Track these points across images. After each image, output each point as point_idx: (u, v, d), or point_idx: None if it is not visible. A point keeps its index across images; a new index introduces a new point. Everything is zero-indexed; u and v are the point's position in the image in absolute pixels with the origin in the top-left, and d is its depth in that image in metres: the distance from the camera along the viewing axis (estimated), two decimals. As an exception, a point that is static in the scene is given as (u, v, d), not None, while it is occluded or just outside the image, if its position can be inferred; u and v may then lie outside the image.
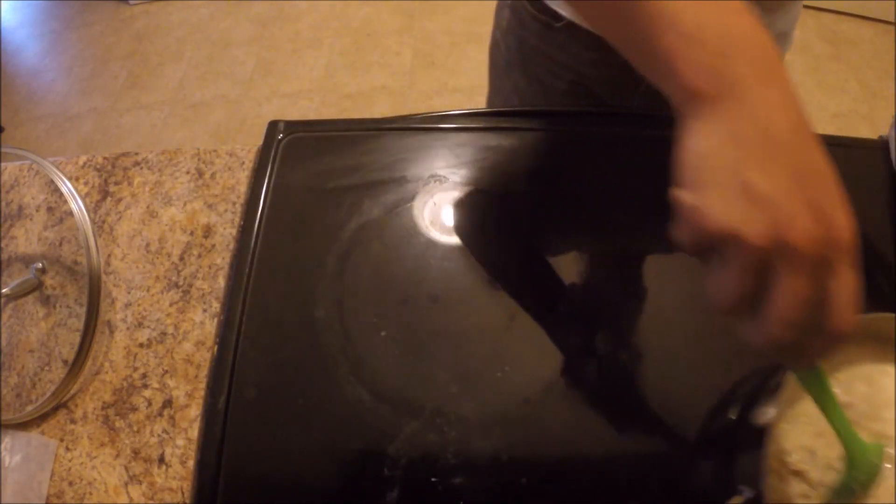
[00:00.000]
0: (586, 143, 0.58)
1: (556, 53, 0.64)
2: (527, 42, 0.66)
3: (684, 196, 0.27)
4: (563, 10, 0.60)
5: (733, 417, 0.40)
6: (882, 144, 0.59)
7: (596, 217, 0.53)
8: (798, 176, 0.26)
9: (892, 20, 1.96)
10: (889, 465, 0.36)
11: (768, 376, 0.39)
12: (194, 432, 0.45)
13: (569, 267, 0.50)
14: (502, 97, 0.75)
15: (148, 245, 0.54)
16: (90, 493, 0.44)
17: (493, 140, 0.58)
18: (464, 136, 0.58)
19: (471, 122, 0.59)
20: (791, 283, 0.25)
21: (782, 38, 0.63)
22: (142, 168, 0.59)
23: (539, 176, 0.55)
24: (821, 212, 0.25)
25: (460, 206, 0.54)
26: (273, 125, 0.59)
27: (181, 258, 0.53)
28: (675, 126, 0.29)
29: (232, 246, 0.53)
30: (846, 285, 0.26)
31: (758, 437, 0.34)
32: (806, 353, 0.29)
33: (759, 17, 0.30)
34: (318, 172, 0.56)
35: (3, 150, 0.56)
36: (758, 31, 0.28)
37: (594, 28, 0.36)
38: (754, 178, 0.25)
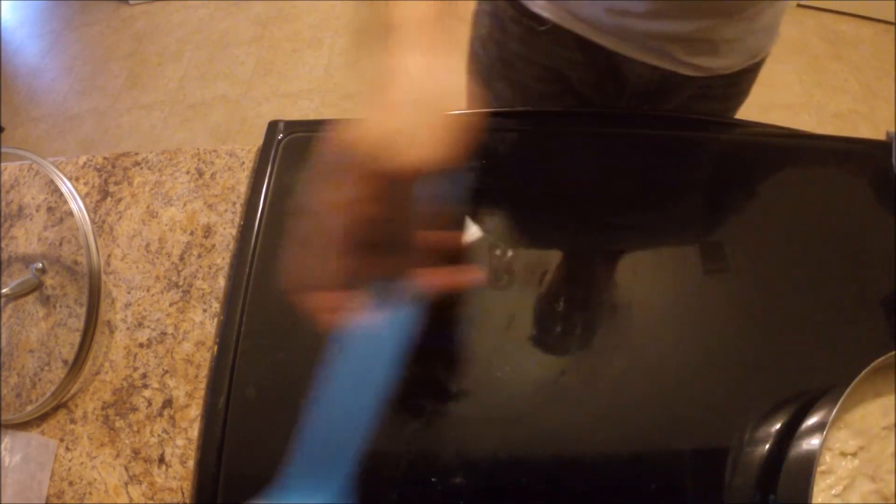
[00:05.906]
0: (582, 143, 0.58)
1: (541, 58, 0.62)
2: (508, 48, 0.64)
3: None
4: (548, 13, 0.58)
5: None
6: (890, 142, 0.58)
7: (594, 216, 0.53)
8: None
9: (892, 20, 1.96)
10: None
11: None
12: (194, 432, 0.45)
13: (568, 267, 0.50)
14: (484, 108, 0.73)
15: (148, 245, 0.54)
16: (90, 493, 0.44)
17: (490, 140, 0.57)
18: (464, 136, 0.58)
19: (471, 122, 0.59)
20: None
21: (768, 32, 0.61)
22: (142, 168, 0.59)
23: (535, 176, 0.55)
24: None
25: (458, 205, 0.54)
26: (273, 125, 0.59)
27: (181, 258, 0.53)
28: (664, 125, 0.29)
29: (232, 246, 0.53)
30: None
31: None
32: None
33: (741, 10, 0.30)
34: (318, 172, 0.56)
35: (3, 150, 0.56)
36: None
37: None
38: None
